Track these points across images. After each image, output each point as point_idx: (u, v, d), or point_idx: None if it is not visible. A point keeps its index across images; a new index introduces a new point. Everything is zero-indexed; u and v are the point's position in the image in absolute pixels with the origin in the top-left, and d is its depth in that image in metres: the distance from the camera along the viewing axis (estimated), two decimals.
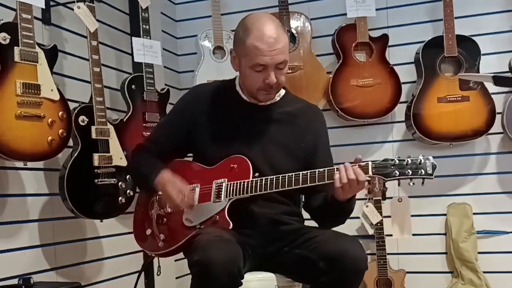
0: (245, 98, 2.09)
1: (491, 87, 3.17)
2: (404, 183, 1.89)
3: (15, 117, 2.21)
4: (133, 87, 2.94)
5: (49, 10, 2.70)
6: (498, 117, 3.22)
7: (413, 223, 3.44)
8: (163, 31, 3.66)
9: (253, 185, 1.94)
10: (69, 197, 2.48)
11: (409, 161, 1.83)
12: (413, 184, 1.86)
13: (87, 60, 2.63)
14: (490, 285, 3.28)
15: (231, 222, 1.93)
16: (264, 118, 2.08)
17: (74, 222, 2.76)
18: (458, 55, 3.23)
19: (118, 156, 2.67)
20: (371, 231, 3.33)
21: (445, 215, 3.43)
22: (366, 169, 1.83)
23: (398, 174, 1.82)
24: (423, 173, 1.82)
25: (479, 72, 3.22)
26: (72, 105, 2.53)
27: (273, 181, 1.92)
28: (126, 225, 3.03)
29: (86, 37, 2.64)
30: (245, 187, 1.94)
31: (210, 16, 3.48)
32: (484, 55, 3.24)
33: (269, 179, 1.93)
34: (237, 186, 1.96)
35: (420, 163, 1.82)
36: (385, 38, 3.38)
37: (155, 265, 2.31)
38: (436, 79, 3.25)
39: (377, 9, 3.36)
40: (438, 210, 3.45)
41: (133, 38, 3.00)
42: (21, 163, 2.32)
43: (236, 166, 2.00)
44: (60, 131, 2.38)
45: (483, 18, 3.39)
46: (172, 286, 3.45)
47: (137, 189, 2.45)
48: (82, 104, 2.58)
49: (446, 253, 3.45)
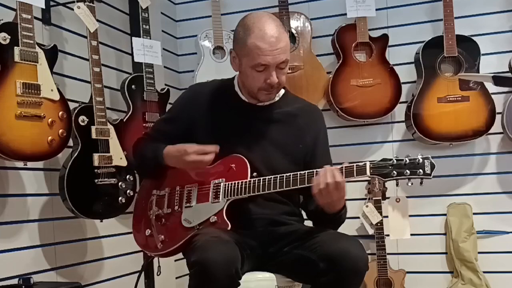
0: (244, 98, 2.09)
1: (491, 87, 3.16)
2: (402, 183, 1.87)
3: (15, 117, 2.21)
4: (133, 87, 2.95)
5: (49, 10, 2.70)
6: (498, 117, 3.22)
7: (413, 223, 3.43)
8: (163, 31, 3.66)
9: (251, 185, 1.93)
10: (69, 197, 2.48)
11: (407, 161, 1.81)
12: (412, 184, 1.84)
13: (87, 60, 2.63)
14: (490, 285, 3.28)
15: (229, 222, 1.93)
16: (262, 118, 2.07)
17: (74, 222, 2.76)
18: (458, 55, 3.22)
19: (118, 156, 2.67)
20: (371, 231, 3.32)
21: (445, 215, 3.42)
22: (363, 170, 1.82)
23: (396, 174, 1.81)
24: (422, 173, 1.80)
25: (479, 72, 3.22)
26: (72, 105, 2.53)
27: (271, 181, 1.91)
28: (126, 225, 3.03)
29: (86, 37, 2.64)
30: (243, 188, 1.94)
31: (210, 16, 3.48)
32: (484, 55, 3.24)
33: (267, 179, 1.92)
34: (235, 186, 1.95)
35: (418, 163, 1.80)
36: (385, 38, 3.38)
37: (155, 265, 2.31)
38: (436, 79, 3.25)
39: (377, 9, 3.36)
40: (438, 210, 3.45)
41: (133, 38, 3.00)
42: (21, 163, 2.32)
43: (234, 165, 1.99)
44: (60, 131, 2.38)
45: (483, 18, 3.39)
46: (172, 286, 3.45)
47: (137, 189, 2.45)
48: (82, 104, 2.58)
49: (446, 253, 3.45)
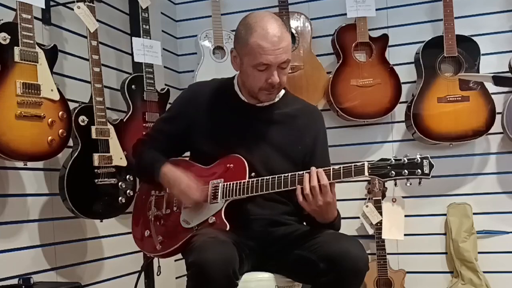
0: (243, 98, 2.08)
1: (491, 87, 3.16)
2: (401, 183, 1.87)
3: (15, 117, 2.21)
4: (133, 87, 2.94)
5: (49, 10, 2.70)
6: (498, 117, 3.22)
7: (413, 223, 3.43)
8: (163, 31, 3.66)
9: (249, 185, 1.92)
10: (69, 197, 2.48)
11: (406, 161, 1.79)
12: (410, 184, 1.83)
13: (87, 60, 2.63)
14: (490, 285, 3.28)
15: (228, 223, 1.92)
16: (262, 119, 2.07)
17: (74, 222, 2.76)
18: (458, 55, 3.22)
19: (118, 156, 2.67)
20: (371, 231, 3.32)
21: (445, 215, 3.42)
22: (362, 170, 1.80)
23: (394, 174, 1.79)
24: (420, 173, 1.78)
25: (479, 72, 3.22)
26: (72, 105, 2.53)
27: (269, 182, 1.90)
28: (126, 225, 3.03)
29: (86, 37, 2.64)
30: (241, 188, 1.93)
31: (210, 16, 3.48)
32: (484, 55, 3.24)
33: (265, 180, 1.91)
34: (233, 186, 1.95)
35: (417, 163, 1.79)
36: (385, 38, 3.38)
37: (155, 265, 2.31)
38: (436, 79, 3.25)
39: (377, 9, 3.36)
40: (438, 210, 3.45)
41: (133, 38, 3.00)
42: (21, 163, 2.32)
43: (232, 166, 1.99)
44: (60, 131, 2.38)
45: (483, 18, 3.39)
46: (172, 286, 3.45)
47: (137, 189, 2.45)
48: (82, 104, 2.58)
49: (446, 253, 3.44)
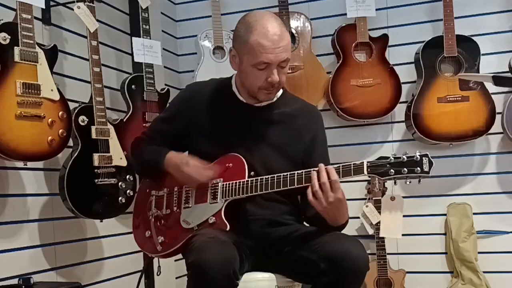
0: (241, 98, 2.07)
1: (491, 87, 3.16)
2: (401, 182, 1.84)
3: (15, 117, 2.21)
4: (133, 87, 2.95)
5: (49, 10, 2.70)
6: (498, 117, 3.22)
7: (413, 223, 3.43)
8: (163, 31, 3.66)
9: (249, 185, 1.92)
10: (69, 197, 2.48)
11: (405, 159, 1.77)
12: (410, 182, 1.80)
13: (87, 60, 2.63)
14: (490, 285, 3.28)
15: (228, 223, 1.92)
16: (260, 119, 2.06)
17: (74, 222, 2.76)
18: (458, 55, 3.22)
19: (118, 156, 2.67)
20: (371, 231, 3.32)
21: (445, 215, 3.42)
22: (361, 169, 1.79)
23: (393, 172, 1.77)
24: (420, 171, 1.76)
25: (479, 72, 3.22)
26: (72, 105, 2.53)
27: (269, 181, 1.90)
28: (126, 225, 3.03)
29: (86, 37, 2.64)
30: (241, 188, 1.93)
31: (210, 16, 3.48)
32: (484, 55, 3.24)
33: (265, 179, 1.90)
34: (232, 186, 1.94)
35: (416, 161, 1.77)
36: (385, 38, 3.37)
37: (155, 265, 2.31)
38: (436, 79, 3.25)
39: (377, 9, 3.36)
40: (438, 210, 3.44)
41: (133, 38, 3.00)
42: (21, 163, 2.33)
43: (231, 165, 1.98)
44: (60, 131, 2.38)
45: (482, 18, 3.39)
46: (172, 286, 3.45)
47: (137, 189, 2.45)
48: (82, 104, 2.58)
49: (446, 253, 3.44)
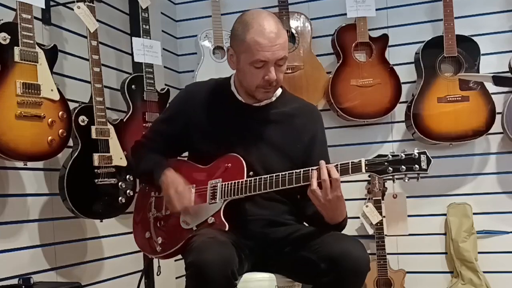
0: (240, 98, 2.07)
1: (491, 87, 3.16)
2: (400, 182, 1.84)
3: (15, 117, 2.21)
4: (133, 87, 2.95)
5: (49, 10, 2.70)
6: (498, 117, 3.22)
7: (413, 223, 3.43)
8: (163, 31, 3.66)
9: (248, 185, 1.91)
10: (69, 197, 2.48)
11: (403, 157, 1.77)
12: (408, 180, 1.80)
13: (87, 60, 2.63)
14: (490, 285, 3.28)
15: (227, 223, 1.92)
16: (259, 119, 2.05)
17: (74, 222, 2.76)
18: (458, 55, 3.22)
19: (118, 156, 2.67)
20: (371, 231, 3.32)
21: (445, 215, 3.42)
22: (359, 167, 1.79)
23: (392, 170, 1.77)
24: (418, 169, 1.76)
25: (479, 72, 3.22)
26: (72, 105, 2.53)
27: (267, 181, 1.89)
28: (126, 225, 3.03)
29: (86, 37, 2.64)
30: (240, 188, 1.92)
31: (210, 16, 3.48)
32: (484, 55, 3.24)
33: (263, 179, 1.90)
34: (231, 186, 1.94)
35: (414, 158, 1.76)
36: (385, 38, 3.38)
37: (155, 265, 2.31)
38: (436, 79, 3.25)
39: (377, 9, 3.36)
40: (438, 210, 3.44)
41: (133, 38, 3.00)
42: (21, 163, 2.32)
43: (230, 165, 1.98)
44: (60, 131, 2.38)
45: (482, 18, 3.39)
46: (172, 286, 3.45)
47: (137, 189, 2.45)
48: (82, 104, 2.58)
49: (446, 253, 3.44)
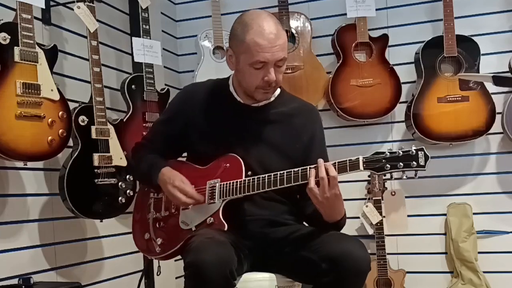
0: (239, 99, 2.07)
1: (491, 87, 3.16)
2: (401, 181, 1.85)
3: (15, 117, 2.21)
4: (133, 87, 2.95)
5: (49, 10, 2.70)
6: (498, 117, 3.22)
7: (413, 223, 3.43)
8: (163, 31, 3.66)
9: (246, 184, 1.91)
10: (69, 197, 2.48)
11: (401, 153, 1.78)
12: (406, 177, 1.81)
13: (87, 60, 2.63)
14: (490, 285, 3.28)
15: (226, 223, 1.92)
16: (258, 119, 2.05)
17: (74, 222, 2.76)
18: (458, 55, 3.22)
19: (118, 156, 2.67)
20: (371, 231, 3.32)
21: (445, 215, 3.42)
22: (357, 164, 1.79)
23: (389, 167, 1.77)
24: (415, 165, 1.76)
25: (479, 72, 3.22)
26: (72, 105, 2.53)
27: (265, 180, 1.89)
28: (126, 225, 3.03)
29: (86, 37, 2.64)
30: (238, 187, 1.92)
31: (210, 16, 3.48)
32: (484, 55, 3.24)
33: (261, 178, 1.90)
34: (230, 186, 1.94)
35: (412, 155, 1.77)
36: (385, 38, 3.38)
37: (155, 265, 2.31)
38: (436, 79, 3.25)
39: (377, 9, 3.36)
40: (438, 210, 3.44)
41: (133, 38, 3.00)
42: (21, 163, 2.32)
43: (228, 165, 1.98)
44: (60, 131, 2.38)
45: (482, 18, 3.39)
46: (172, 286, 3.45)
47: (137, 189, 2.45)
48: (82, 104, 2.58)
49: (446, 253, 3.44)
